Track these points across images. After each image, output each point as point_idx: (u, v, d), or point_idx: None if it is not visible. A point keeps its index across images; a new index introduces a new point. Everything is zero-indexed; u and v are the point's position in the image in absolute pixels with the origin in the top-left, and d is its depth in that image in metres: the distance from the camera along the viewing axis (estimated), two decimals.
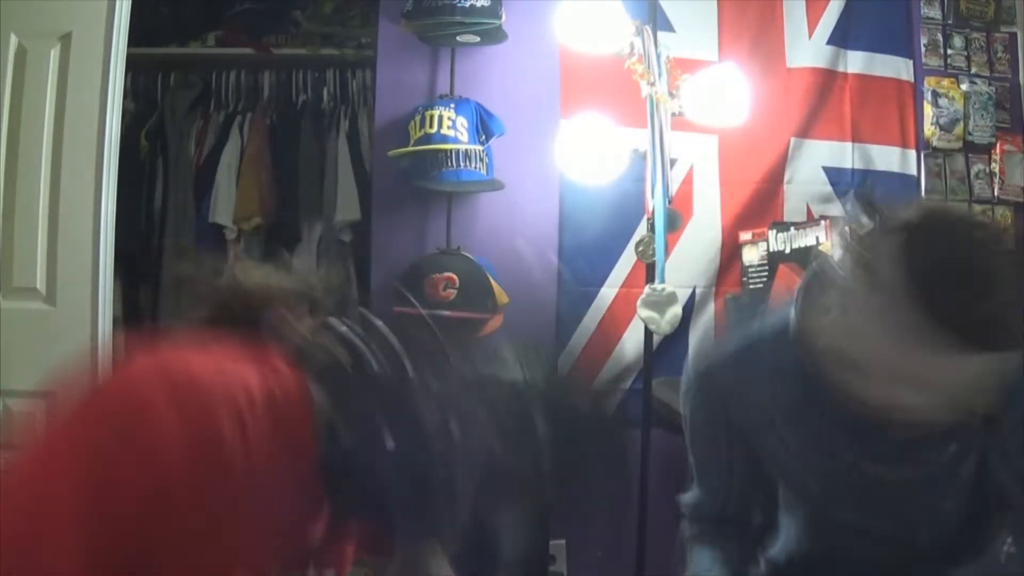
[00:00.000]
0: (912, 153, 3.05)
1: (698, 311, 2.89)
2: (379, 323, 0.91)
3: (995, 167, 3.06)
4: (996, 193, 3.04)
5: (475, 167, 2.67)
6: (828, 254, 1.26)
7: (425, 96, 2.81)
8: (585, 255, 2.85)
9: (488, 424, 0.88)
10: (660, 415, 2.53)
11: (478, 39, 2.74)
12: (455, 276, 2.59)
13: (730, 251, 2.89)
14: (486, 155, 2.70)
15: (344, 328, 0.90)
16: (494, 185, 2.74)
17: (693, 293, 2.88)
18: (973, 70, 3.09)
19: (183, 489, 0.78)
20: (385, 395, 0.87)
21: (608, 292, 2.84)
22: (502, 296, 2.66)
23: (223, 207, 3.31)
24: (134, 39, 2.64)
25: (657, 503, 2.50)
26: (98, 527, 0.77)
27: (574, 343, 2.82)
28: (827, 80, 2.99)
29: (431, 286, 2.58)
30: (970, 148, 3.06)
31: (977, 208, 2.98)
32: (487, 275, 2.65)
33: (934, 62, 3.08)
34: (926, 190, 3.01)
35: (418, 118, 2.68)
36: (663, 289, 2.42)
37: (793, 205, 2.95)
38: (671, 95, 2.43)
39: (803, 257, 2.61)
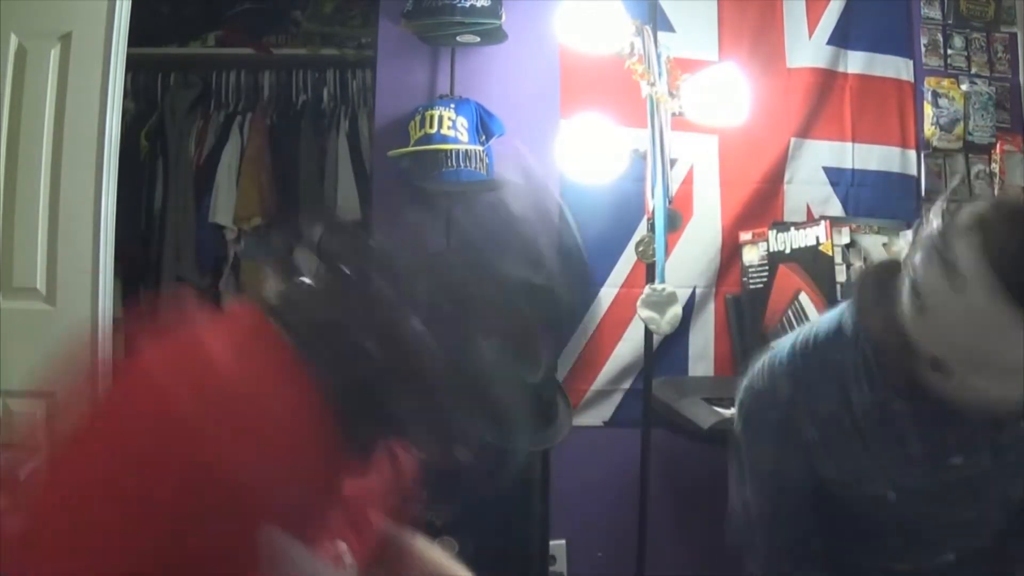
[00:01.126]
0: (912, 153, 3.05)
1: (698, 311, 2.89)
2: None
3: (995, 167, 3.06)
4: (996, 193, 3.04)
5: (475, 167, 2.66)
6: (890, 256, 1.27)
7: (425, 96, 2.81)
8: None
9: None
10: (660, 415, 2.53)
11: (478, 39, 2.74)
12: None
13: (730, 251, 2.89)
14: (486, 155, 2.70)
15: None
16: (494, 185, 2.73)
17: (693, 293, 2.88)
18: (973, 70, 3.10)
19: (225, 489, 0.76)
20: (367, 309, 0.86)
21: (608, 292, 2.84)
22: None
23: (223, 207, 3.31)
24: (134, 39, 2.64)
25: (657, 503, 2.51)
26: (143, 545, 0.74)
27: (574, 343, 2.81)
28: (827, 80, 2.99)
29: None
30: (970, 148, 3.06)
31: None
32: None
33: (934, 62, 3.08)
34: (926, 190, 3.01)
35: (418, 118, 2.68)
36: (663, 289, 2.42)
37: (793, 205, 2.94)
38: (671, 95, 2.43)
39: (803, 257, 2.61)
